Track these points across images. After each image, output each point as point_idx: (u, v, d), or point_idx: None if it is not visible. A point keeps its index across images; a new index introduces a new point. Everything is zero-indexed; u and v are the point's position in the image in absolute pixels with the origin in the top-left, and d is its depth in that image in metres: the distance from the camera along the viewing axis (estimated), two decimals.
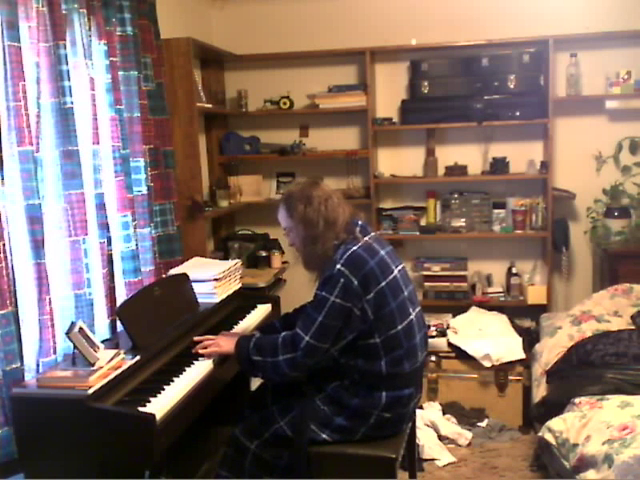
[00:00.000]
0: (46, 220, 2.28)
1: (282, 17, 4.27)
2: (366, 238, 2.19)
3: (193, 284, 2.74)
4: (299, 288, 2.56)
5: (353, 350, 2.13)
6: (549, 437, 2.55)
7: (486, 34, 3.97)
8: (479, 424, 3.43)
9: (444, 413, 3.45)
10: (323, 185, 2.27)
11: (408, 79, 4.18)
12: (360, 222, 2.25)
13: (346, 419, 2.15)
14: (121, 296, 2.71)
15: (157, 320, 2.40)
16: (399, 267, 2.24)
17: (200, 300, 2.74)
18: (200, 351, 2.30)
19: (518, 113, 3.94)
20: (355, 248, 2.12)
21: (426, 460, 3.11)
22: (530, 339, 3.67)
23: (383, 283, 2.11)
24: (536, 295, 4.02)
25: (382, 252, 2.18)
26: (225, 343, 2.29)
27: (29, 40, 2.23)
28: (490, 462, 3.11)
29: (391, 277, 2.15)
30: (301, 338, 2.09)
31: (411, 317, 2.19)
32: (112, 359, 2.07)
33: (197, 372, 2.22)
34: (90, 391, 1.90)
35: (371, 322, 2.09)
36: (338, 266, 2.08)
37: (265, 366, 2.15)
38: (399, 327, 2.13)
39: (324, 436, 2.16)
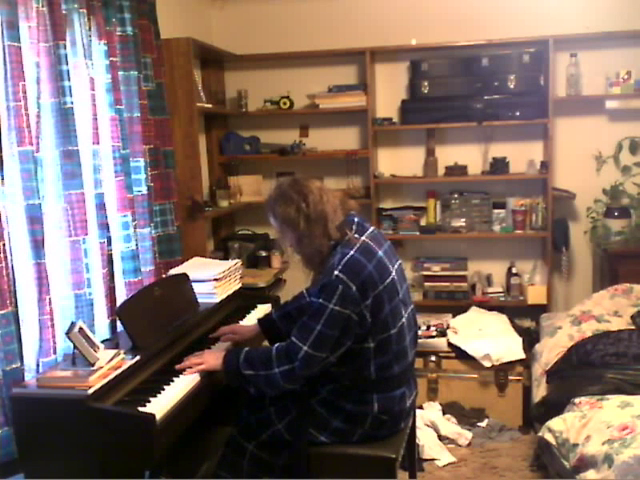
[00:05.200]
0: (46, 220, 2.28)
1: (282, 17, 4.27)
2: (363, 238, 2.12)
3: (193, 284, 2.73)
4: (299, 288, 2.55)
5: (343, 356, 2.08)
6: (549, 437, 2.55)
7: (486, 34, 3.97)
8: (479, 424, 3.43)
9: (444, 413, 3.45)
10: (305, 181, 2.18)
11: (408, 79, 4.18)
12: (356, 219, 2.20)
13: (342, 422, 2.14)
14: (121, 296, 2.71)
15: (157, 320, 2.40)
16: (396, 266, 2.20)
17: (200, 300, 2.74)
18: (187, 372, 2.19)
19: (518, 113, 3.94)
20: (352, 252, 2.06)
21: (426, 460, 3.11)
22: (530, 339, 3.67)
23: (380, 287, 2.06)
24: (536, 295, 4.01)
25: (380, 252, 2.12)
26: (212, 358, 2.21)
27: (29, 40, 2.23)
28: (490, 462, 3.11)
29: (388, 280, 2.10)
30: (299, 348, 2.01)
31: (403, 320, 2.15)
32: (112, 359, 2.06)
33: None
34: (90, 391, 1.89)
35: (369, 326, 2.06)
36: (336, 272, 2.01)
37: (258, 380, 2.08)
38: (392, 331, 2.10)
39: (322, 438, 2.16)
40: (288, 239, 2.20)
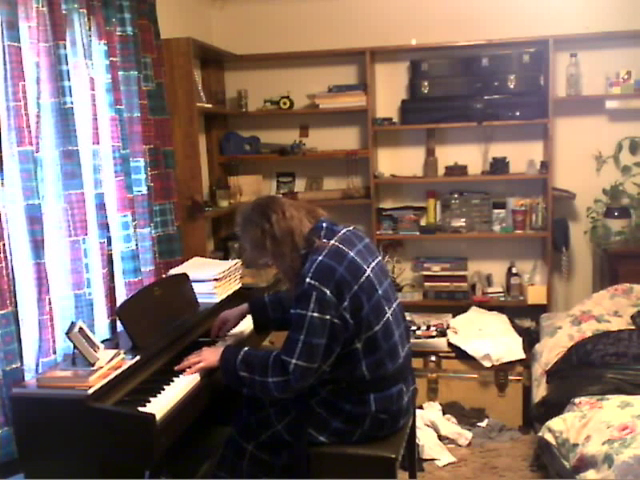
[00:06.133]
0: (46, 220, 2.28)
1: (282, 17, 4.27)
2: (332, 241, 2.11)
3: (193, 284, 2.73)
4: None
5: (334, 360, 2.08)
6: (549, 437, 2.55)
7: (486, 34, 3.97)
8: (479, 424, 3.43)
9: (444, 413, 3.45)
10: (266, 201, 2.21)
11: (408, 79, 4.18)
12: (325, 224, 2.18)
13: (342, 422, 2.14)
14: (121, 296, 2.71)
15: (157, 320, 2.40)
16: (373, 264, 2.18)
17: (200, 300, 2.74)
18: (187, 372, 2.19)
19: (518, 113, 3.94)
20: (321, 258, 2.06)
21: (426, 460, 3.11)
22: (530, 339, 3.67)
23: (355, 287, 2.05)
24: (536, 295, 4.02)
25: (351, 253, 2.11)
26: (210, 356, 2.21)
27: (29, 40, 2.23)
28: (490, 462, 3.11)
29: (363, 279, 2.09)
30: (288, 363, 2.01)
31: (387, 316, 2.15)
32: (112, 359, 2.06)
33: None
34: (90, 391, 1.89)
35: (352, 328, 2.06)
36: (307, 280, 2.02)
37: (253, 383, 2.08)
38: (376, 328, 2.09)
39: (322, 439, 2.15)
40: (263, 261, 2.24)
